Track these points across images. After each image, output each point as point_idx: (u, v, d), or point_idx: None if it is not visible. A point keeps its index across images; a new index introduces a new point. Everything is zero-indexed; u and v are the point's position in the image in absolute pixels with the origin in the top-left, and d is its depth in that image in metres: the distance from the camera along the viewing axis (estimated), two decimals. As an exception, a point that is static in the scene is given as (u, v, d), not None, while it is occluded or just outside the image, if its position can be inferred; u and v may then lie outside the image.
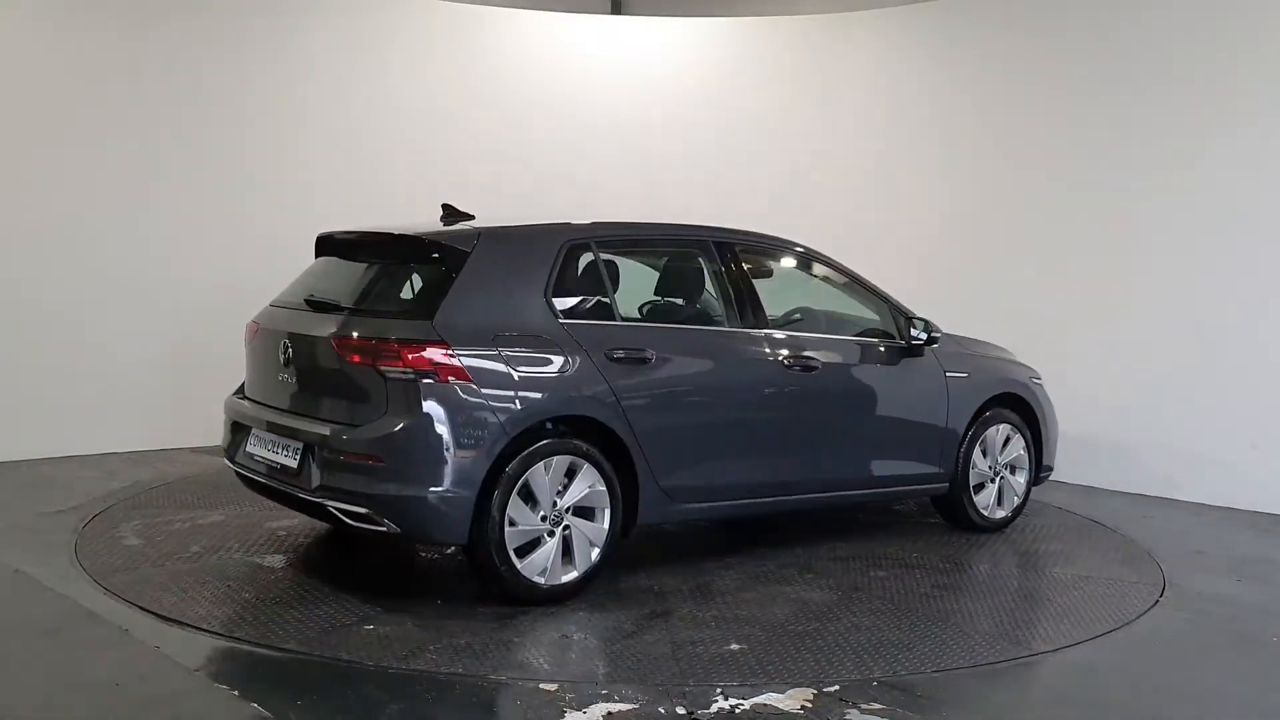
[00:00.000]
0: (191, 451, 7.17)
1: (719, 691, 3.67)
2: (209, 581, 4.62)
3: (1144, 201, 7.11)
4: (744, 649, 4.07)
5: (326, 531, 5.36)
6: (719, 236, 5.31)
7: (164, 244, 7.37)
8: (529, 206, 6.92)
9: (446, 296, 4.39)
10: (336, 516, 4.39)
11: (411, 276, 4.83)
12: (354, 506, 4.28)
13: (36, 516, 5.60)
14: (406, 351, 4.22)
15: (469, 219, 5.01)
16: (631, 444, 4.61)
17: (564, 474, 4.47)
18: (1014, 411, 6.00)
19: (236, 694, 3.55)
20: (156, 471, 6.68)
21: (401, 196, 7.29)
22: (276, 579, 4.72)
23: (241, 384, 5.15)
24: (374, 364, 4.28)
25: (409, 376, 4.21)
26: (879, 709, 3.57)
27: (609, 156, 8.48)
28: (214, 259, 7.45)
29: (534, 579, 4.39)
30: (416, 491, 4.21)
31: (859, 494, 5.67)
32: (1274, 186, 6.62)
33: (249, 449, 4.81)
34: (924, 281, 7.44)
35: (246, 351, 5.08)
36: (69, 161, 7.10)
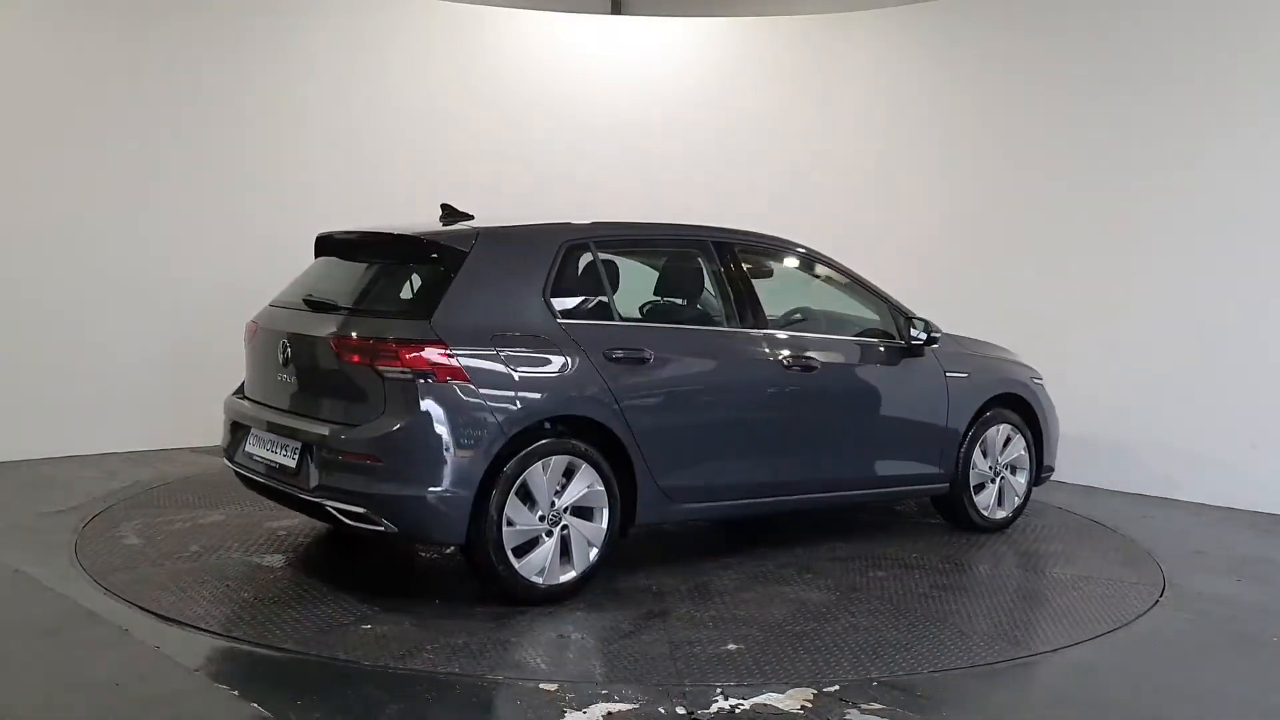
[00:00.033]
0: (191, 451, 7.17)
1: (719, 691, 3.67)
2: (208, 581, 4.62)
3: (1144, 201, 7.10)
4: (741, 649, 4.07)
5: (326, 531, 5.36)
6: (718, 236, 5.30)
7: (164, 244, 7.37)
8: (529, 206, 6.92)
9: (444, 296, 4.39)
10: (335, 516, 4.39)
11: (410, 277, 4.83)
12: (352, 506, 4.28)
13: (36, 516, 5.60)
14: (404, 351, 4.22)
15: (468, 219, 5.01)
16: (630, 444, 4.61)
17: (562, 474, 4.46)
18: (1015, 412, 5.99)
19: (236, 694, 3.54)
20: (156, 471, 6.68)
21: (401, 196, 7.28)
22: (275, 578, 4.72)
23: (241, 384, 5.15)
24: (372, 364, 4.28)
25: (407, 376, 4.21)
26: (879, 709, 3.57)
27: (609, 156, 8.48)
28: (214, 259, 7.46)
29: (532, 579, 4.39)
30: (414, 491, 4.21)
31: (859, 494, 5.66)
32: (1274, 186, 6.61)
33: (248, 449, 4.81)
34: (924, 281, 7.44)
35: (246, 351, 5.09)
36: (69, 161, 7.10)
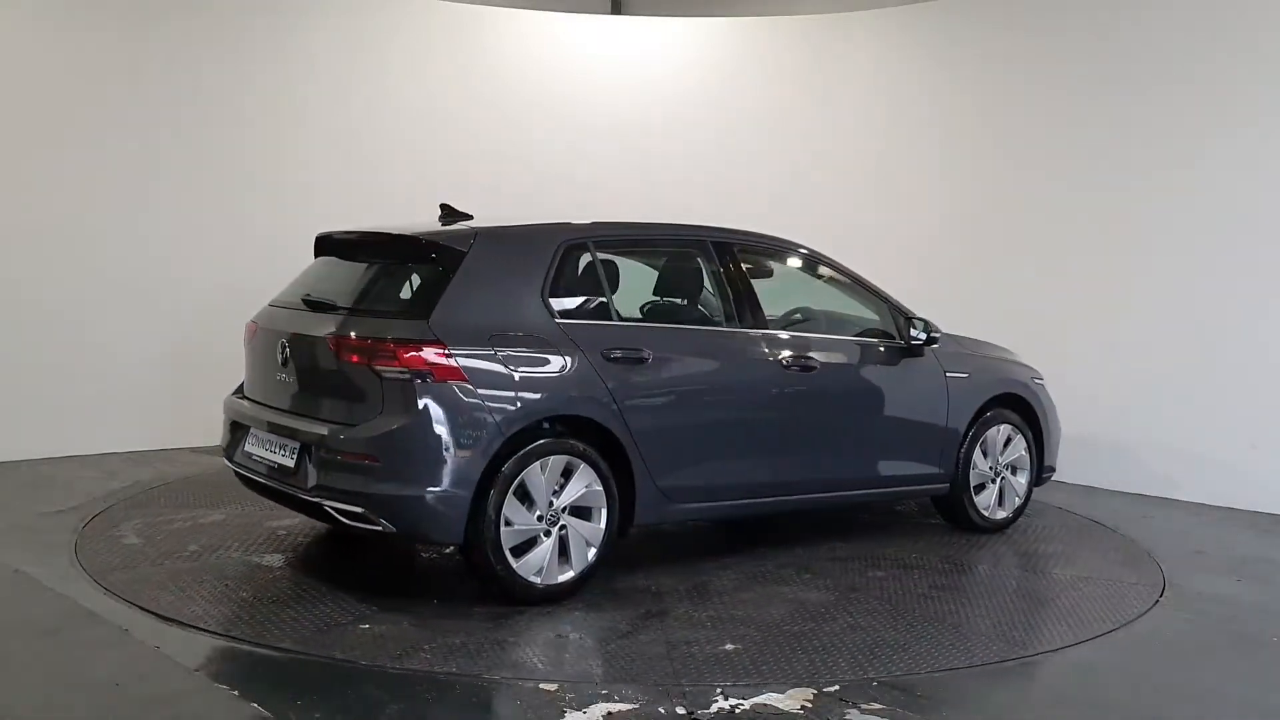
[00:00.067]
0: (191, 451, 7.17)
1: (719, 691, 3.67)
2: (207, 580, 4.62)
3: (1144, 201, 7.10)
4: (739, 649, 4.07)
5: (325, 531, 5.36)
6: (717, 236, 5.30)
7: (164, 244, 7.38)
8: (529, 206, 6.92)
9: (442, 296, 4.38)
10: (333, 516, 4.39)
11: (409, 277, 4.83)
12: (350, 506, 4.28)
13: (36, 516, 5.60)
14: (402, 351, 4.22)
15: (467, 219, 5.01)
16: (628, 444, 4.60)
17: (560, 474, 4.46)
18: (1015, 412, 5.98)
19: (236, 694, 3.54)
20: (156, 471, 6.68)
21: (401, 196, 7.28)
22: (274, 578, 4.72)
23: (241, 384, 5.15)
24: (370, 364, 4.28)
25: (404, 376, 4.21)
26: (879, 709, 3.57)
27: (609, 156, 8.48)
28: (214, 259, 7.46)
29: (530, 579, 4.38)
30: (412, 491, 4.21)
31: (858, 494, 5.66)
32: (1274, 186, 6.61)
33: (247, 448, 4.81)
34: (924, 281, 7.44)
35: (245, 351, 5.09)
36: (69, 161, 7.10)
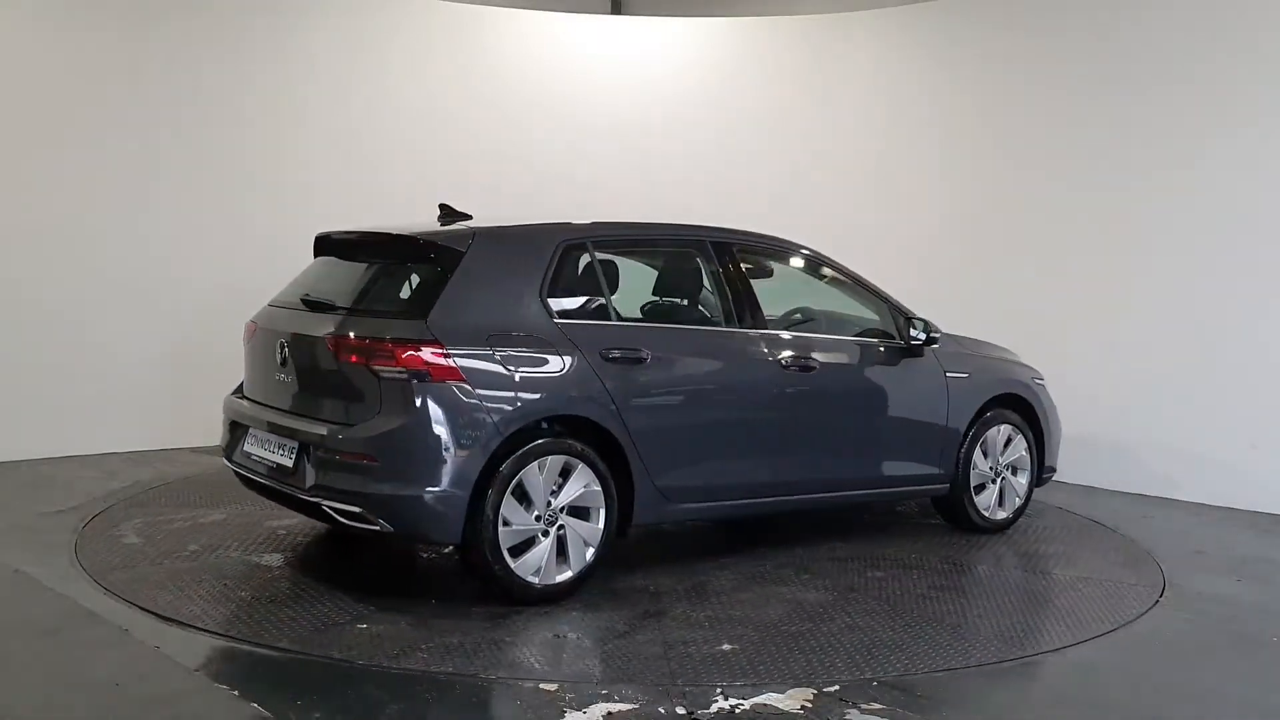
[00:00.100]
0: (191, 451, 7.17)
1: (719, 691, 3.66)
2: (205, 580, 4.62)
3: (1144, 201, 7.10)
4: (736, 649, 4.06)
5: (325, 531, 5.36)
6: (716, 236, 5.30)
7: (164, 244, 7.38)
8: (529, 206, 6.92)
9: (440, 296, 4.38)
10: (332, 516, 4.39)
11: (408, 277, 4.83)
12: (348, 506, 4.28)
13: (36, 516, 5.60)
14: (400, 351, 4.22)
15: (466, 219, 5.01)
16: (626, 444, 4.60)
17: (558, 474, 4.46)
18: (1016, 412, 5.98)
19: (236, 694, 3.54)
20: (156, 471, 6.69)
21: (401, 196, 7.28)
22: (273, 577, 4.72)
23: (240, 384, 5.15)
24: (368, 364, 4.28)
25: (402, 376, 4.21)
26: (879, 709, 3.56)
27: (609, 156, 8.48)
28: (214, 259, 7.46)
29: (528, 579, 4.38)
30: (410, 491, 4.21)
31: (858, 495, 5.65)
32: (1274, 186, 6.60)
33: (246, 448, 4.81)
34: (924, 281, 7.44)
35: (245, 351, 5.09)
36: (69, 161, 7.10)
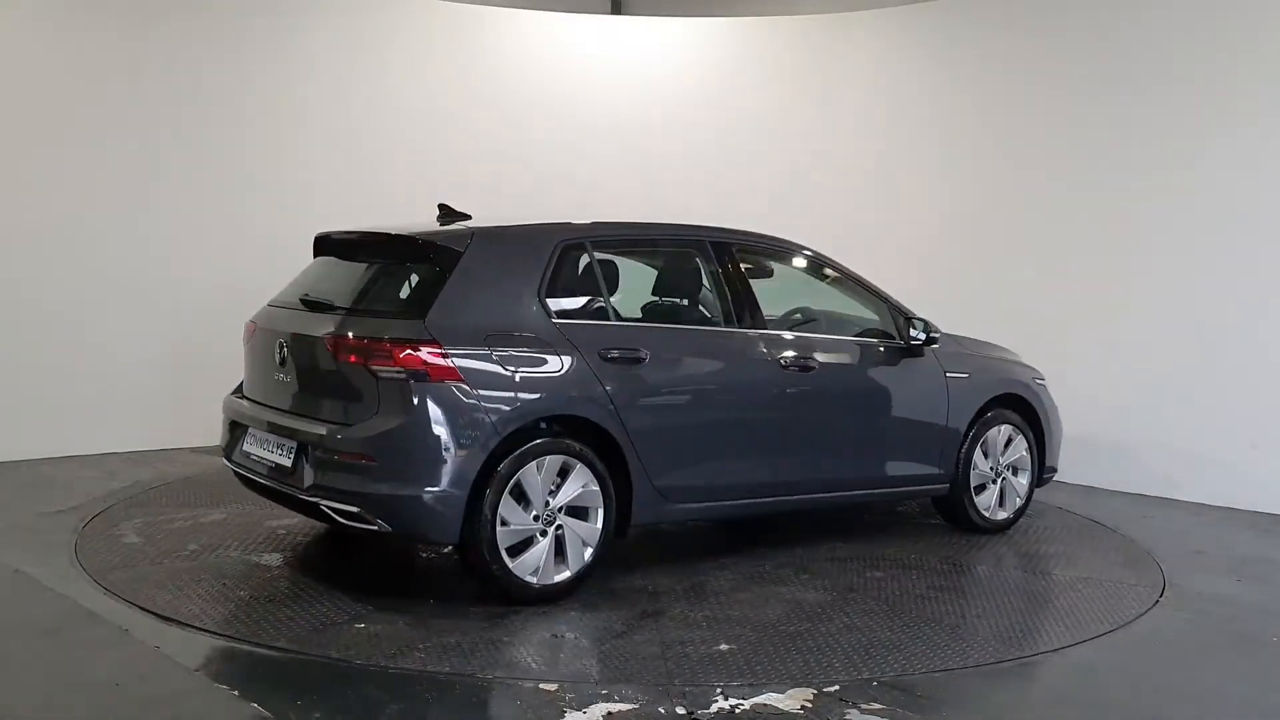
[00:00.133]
0: (191, 451, 7.18)
1: (719, 691, 3.66)
2: (204, 579, 4.62)
3: (1144, 201, 7.09)
4: (733, 649, 4.06)
5: (324, 530, 5.36)
6: (716, 236, 5.29)
7: (164, 244, 7.38)
8: (529, 206, 6.92)
9: (439, 296, 4.38)
10: (330, 515, 4.39)
11: (407, 277, 4.82)
12: (346, 506, 4.28)
13: (36, 516, 5.61)
14: (398, 351, 4.22)
15: (465, 219, 5.01)
16: (625, 444, 4.60)
17: (556, 474, 4.45)
18: (1016, 412, 5.97)
19: (236, 694, 3.54)
20: (156, 471, 6.69)
21: (401, 196, 7.28)
22: (272, 577, 4.72)
23: (240, 383, 5.16)
24: (366, 363, 4.28)
25: (400, 376, 4.21)
26: (879, 709, 3.56)
27: (609, 156, 8.48)
28: (214, 259, 7.46)
29: (526, 578, 4.38)
30: (408, 491, 4.21)
31: (858, 495, 5.64)
32: (1274, 186, 6.60)
33: (246, 448, 4.81)
34: (924, 281, 7.44)
35: (244, 351, 5.09)
36: (69, 161, 7.10)
